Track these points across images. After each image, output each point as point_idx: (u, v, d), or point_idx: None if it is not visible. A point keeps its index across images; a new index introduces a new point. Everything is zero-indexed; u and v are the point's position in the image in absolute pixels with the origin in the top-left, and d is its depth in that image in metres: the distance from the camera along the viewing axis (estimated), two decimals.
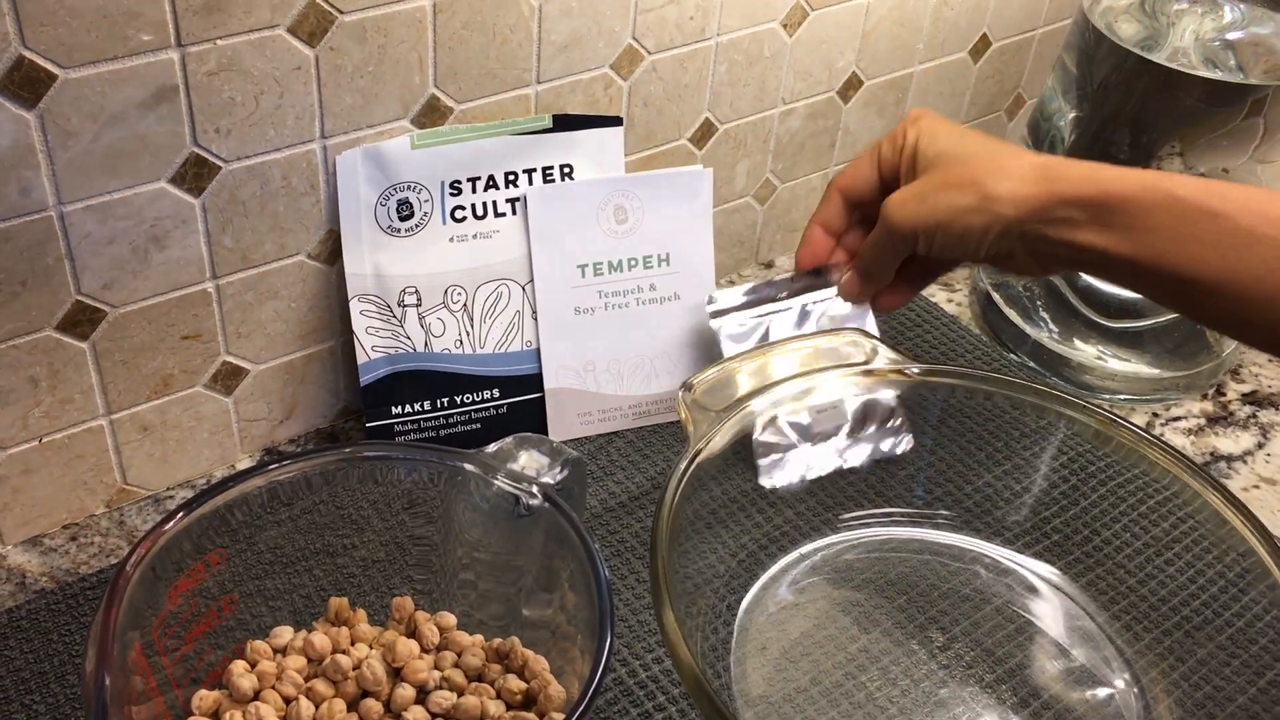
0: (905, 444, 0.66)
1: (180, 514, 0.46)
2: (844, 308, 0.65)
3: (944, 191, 0.57)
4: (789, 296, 0.66)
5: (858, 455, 0.66)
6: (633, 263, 0.67)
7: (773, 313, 0.66)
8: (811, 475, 0.65)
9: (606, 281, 0.66)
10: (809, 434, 0.65)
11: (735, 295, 0.66)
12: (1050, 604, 0.62)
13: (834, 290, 0.65)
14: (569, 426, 0.69)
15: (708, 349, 0.68)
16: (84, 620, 0.58)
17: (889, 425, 0.67)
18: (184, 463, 0.65)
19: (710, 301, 0.66)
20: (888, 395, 0.65)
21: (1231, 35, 0.70)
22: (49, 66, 0.50)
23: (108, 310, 0.58)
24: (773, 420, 0.63)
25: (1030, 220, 0.55)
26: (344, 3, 0.57)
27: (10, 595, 0.59)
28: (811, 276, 0.65)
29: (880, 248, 0.61)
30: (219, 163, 0.57)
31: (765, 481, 0.64)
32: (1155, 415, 0.76)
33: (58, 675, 0.55)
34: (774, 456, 0.65)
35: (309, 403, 0.68)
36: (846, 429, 0.66)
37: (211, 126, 0.56)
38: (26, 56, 0.49)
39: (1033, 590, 0.63)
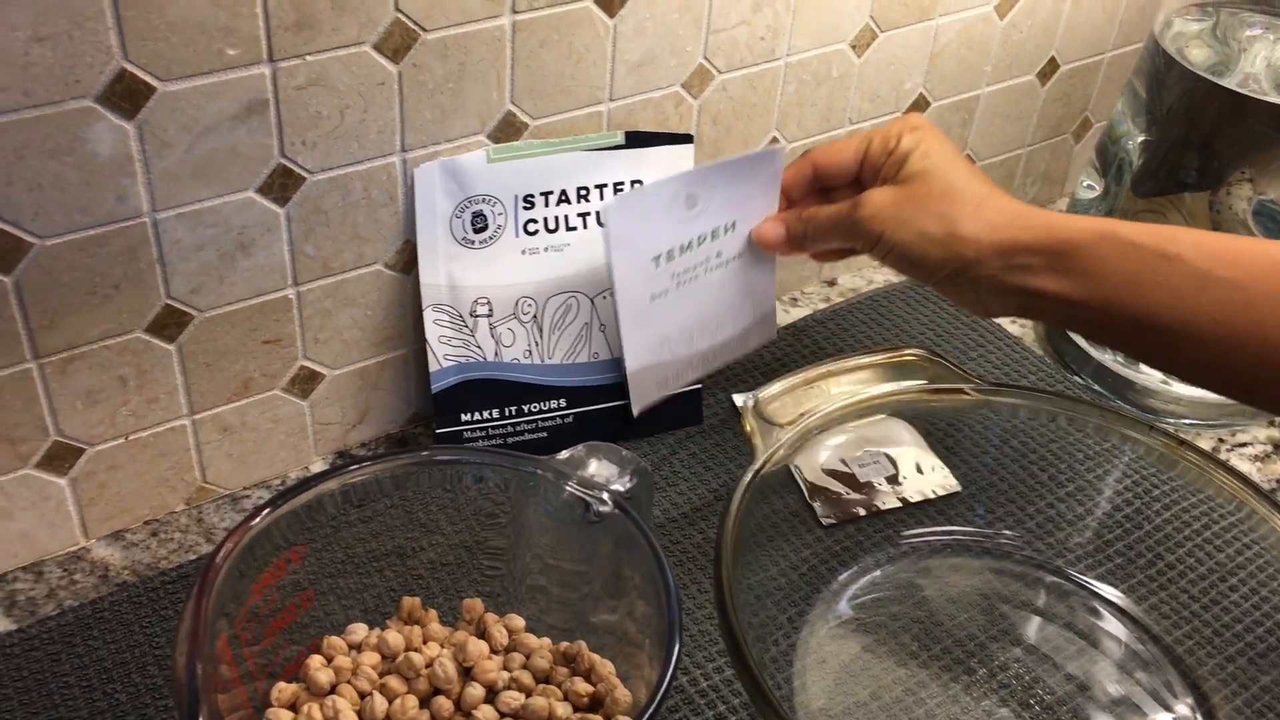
0: (953, 486, 0.67)
1: (266, 510, 0.48)
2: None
3: (918, 213, 0.58)
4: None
5: (906, 495, 0.67)
6: (703, 239, 0.65)
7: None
8: (864, 513, 0.66)
9: (679, 264, 0.65)
10: (857, 483, 0.67)
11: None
12: (1112, 627, 0.62)
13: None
14: (649, 395, 0.68)
15: (765, 290, 0.69)
16: (164, 613, 0.60)
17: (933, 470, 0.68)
18: (260, 463, 0.67)
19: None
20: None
21: None
22: (148, 79, 0.52)
23: (195, 314, 0.60)
24: (821, 468, 0.66)
25: (988, 264, 0.56)
26: (427, 21, 0.58)
27: (94, 587, 0.61)
28: None
29: (834, 228, 0.62)
30: (304, 174, 0.59)
31: (824, 519, 0.66)
32: (1220, 441, 0.76)
33: (139, 666, 0.57)
34: (827, 498, 0.66)
35: (381, 408, 0.70)
36: (893, 475, 0.67)
37: (298, 139, 0.58)
38: (128, 69, 0.52)
39: (1095, 613, 0.63)
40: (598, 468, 0.52)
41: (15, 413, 0.57)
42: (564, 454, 0.53)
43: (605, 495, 0.51)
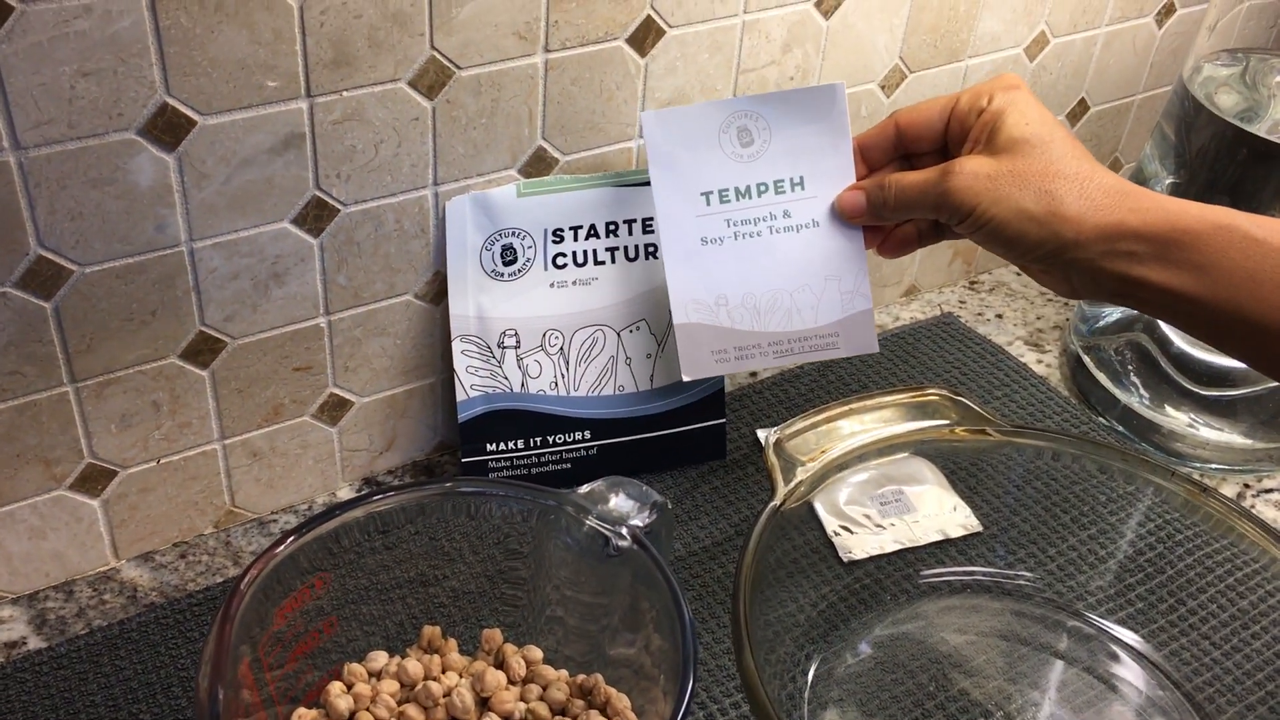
0: (974, 527, 0.67)
1: (291, 538, 0.49)
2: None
3: (1017, 189, 0.54)
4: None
5: (926, 534, 0.67)
6: (762, 188, 0.62)
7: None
8: (886, 550, 0.66)
9: (734, 209, 0.62)
10: (878, 521, 0.67)
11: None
12: (1131, 672, 0.62)
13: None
14: (703, 365, 0.64)
15: (854, 279, 0.63)
16: (190, 635, 0.61)
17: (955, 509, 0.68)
18: (289, 488, 0.68)
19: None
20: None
21: None
22: (189, 113, 0.54)
23: (228, 341, 0.61)
24: (842, 506, 0.66)
25: (1089, 248, 0.53)
26: (462, 59, 0.60)
27: (122, 608, 0.62)
28: None
29: (920, 197, 0.57)
30: (338, 206, 0.60)
31: (844, 556, 0.66)
32: (1246, 486, 0.76)
33: (164, 687, 0.58)
34: (848, 538, 0.66)
35: (408, 436, 0.71)
36: (914, 515, 0.67)
37: (333, 172, 0.59)
38: (170, 103, 0.53)
39: (1114, 658, 0.63)
40: (618, 502, 0.52)
41: (52, 435, 0.59)
42: (585, 488, 0.53)
43: (624, 530, 0.52)
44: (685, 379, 0.64)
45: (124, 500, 0.63)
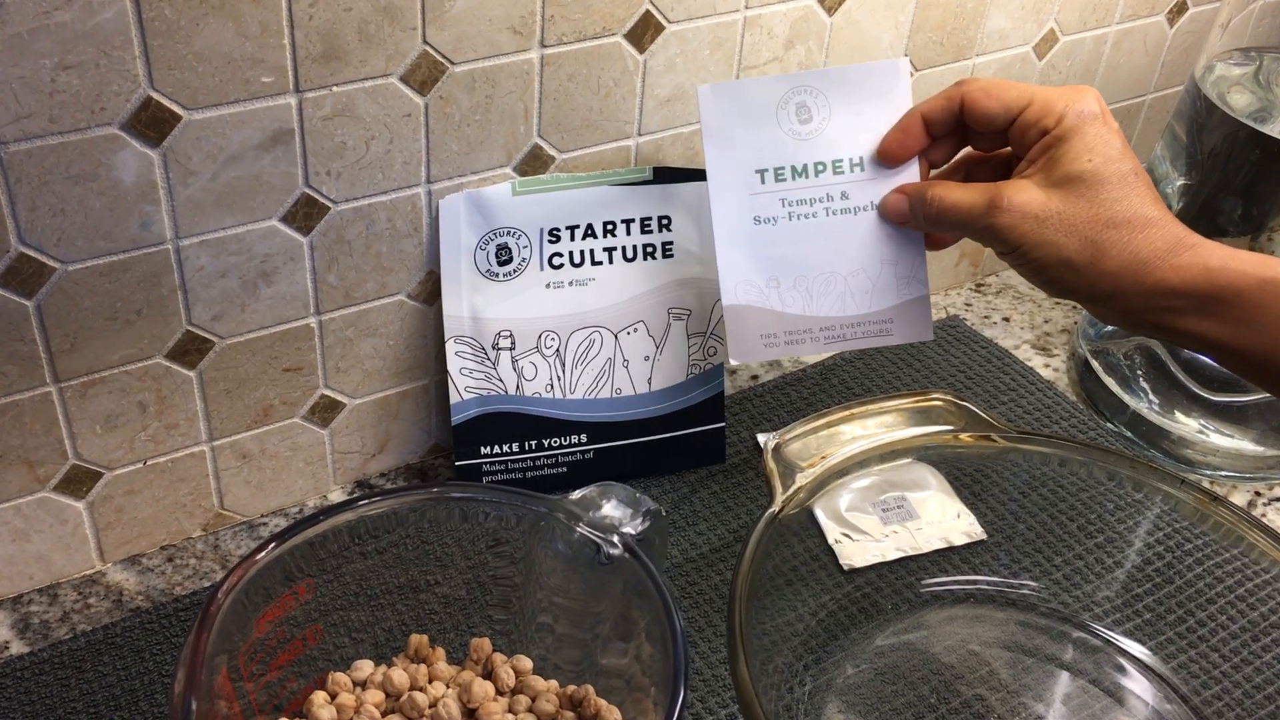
0: (978, 534, 0.66)
1: (272, 544, 0.48)
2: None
3: (1063, 235, 0.52)
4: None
5: (929, 542, 0.66)
6: (820, 168, 0.60)
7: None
8: (888, 558, 0.65)
9: (790, 189, 0.60)
10: (880, 528, 0.65)
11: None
12: (1138, 684, 0.61)
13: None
14: (751, 349, 0.62)
15: (911, 264, 0.61)
16: (175, 640, 0.60)
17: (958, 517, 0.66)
18: (279, 491, 0.67)
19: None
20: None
21: None
22: (174, 108, 0.53)
23: (216, 341, 0.60)
24: (843, 512, 0.64)
25: (1128, 301, 0.52)
26: (455, 54, 0.58)
27: (107, 612, 0.61)
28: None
29: (963, 224, 0.56)
30: (328, 204, 0.59)
31: (845, 564, 0.64)
32: (1257, 494, 0.74)
33: (147, 693, 0.57)
34: (848, 545, 0.65)
35: (401, 438, 0.70)
36: (916, 522, 0.66)
37: (323, 169, 0.58)
38: (154, 98, 0.52)
39: (1121, 670, 0.61)
40: (610, 509, 0.51)
41: (34, 435, 0.57)
42: (576, 494, 0.52)
43: (616, 538, 0.50)
44: (733, 363, 0.62)
45: (110, 502, 0.62)
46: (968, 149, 0.60)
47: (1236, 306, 0.50)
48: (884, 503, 0.67)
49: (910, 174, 0.60)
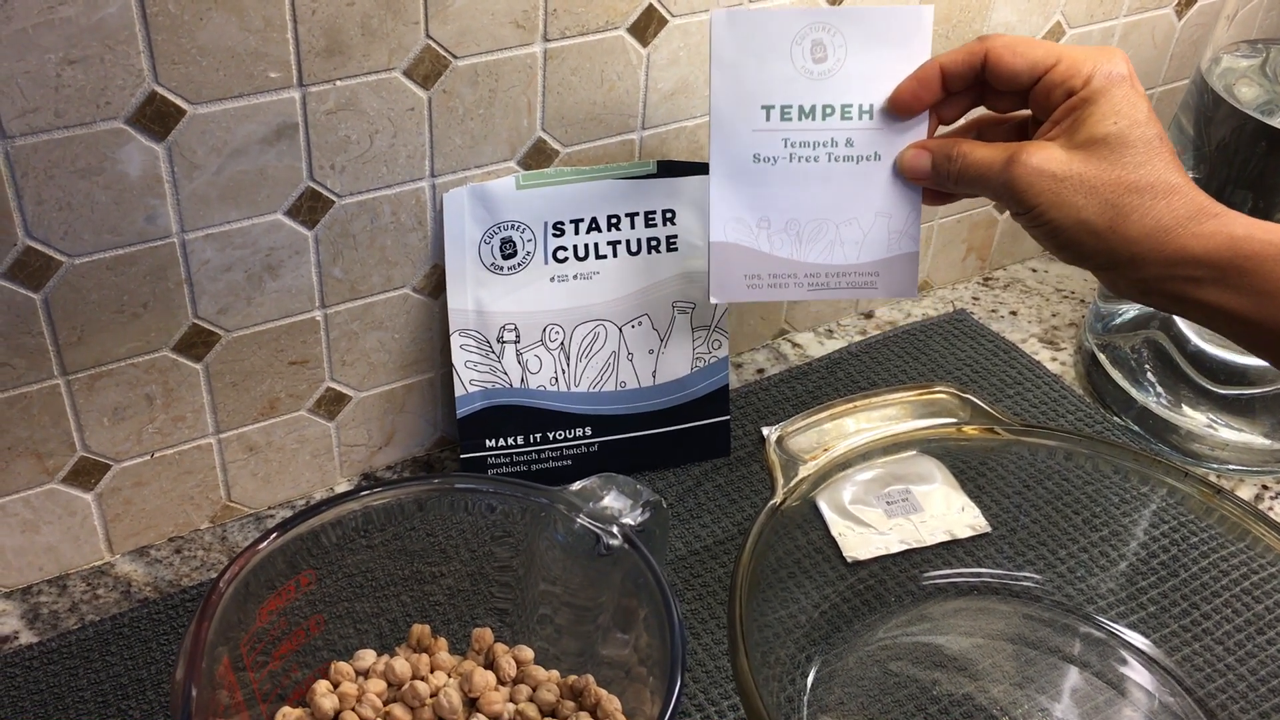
0: (982, 527, 0.66)
1: (274, 534, 0.48)
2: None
3: (1083, 197, 0.51)
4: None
5: (933, 534, 0.66)
6: (828, 110, 0.58)
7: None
8: (891, 551, 0.65)
9: (795, 129, 0.58)
10: (883, 520, 0.65)
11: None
12: (1143, 677, 0.60)
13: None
14: (734, 289, 0.61)
15: (906, 219, 0.60)
16: (183, 631, 0.60)
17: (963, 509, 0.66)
18: (285, 483, 0.67)
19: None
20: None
21: None
22: (178, 102, 0.53)
23: (222, 334, 0.60)
24: (846, 504, 0.64)
25: (1147, 268, 0.51)
26: (458, 48, 0.59)
27: (115, 603, 0.62)
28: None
29: (982, 181, 0.54)
30: (333, 197, 0.60)
31: (848, 556, 0.64)
32: (1265, 488, 0.74)
33: (154, 683, 0.58)
34: (852, 537, 0.65)
35: (407, 431, 0.70)
36: (920, 515, 0.66)
37: (327, 163, 0.58)
38: (158, 92, 0.52)
39: (1124, 663, 0.61)
40: (610, 500, 0.51)
41: (43, 428, 0.58)
42: (577, 485, 0.52)
43: (615, 529, 0.50)
44: (713, 301, 0.61)
45: (118, 494, 0.62)
46: (980, 110, 0.59)
47: (1257, 276, 0.48)
48: (888, 495, 0.67)
49: (919, 127, 0.58)
